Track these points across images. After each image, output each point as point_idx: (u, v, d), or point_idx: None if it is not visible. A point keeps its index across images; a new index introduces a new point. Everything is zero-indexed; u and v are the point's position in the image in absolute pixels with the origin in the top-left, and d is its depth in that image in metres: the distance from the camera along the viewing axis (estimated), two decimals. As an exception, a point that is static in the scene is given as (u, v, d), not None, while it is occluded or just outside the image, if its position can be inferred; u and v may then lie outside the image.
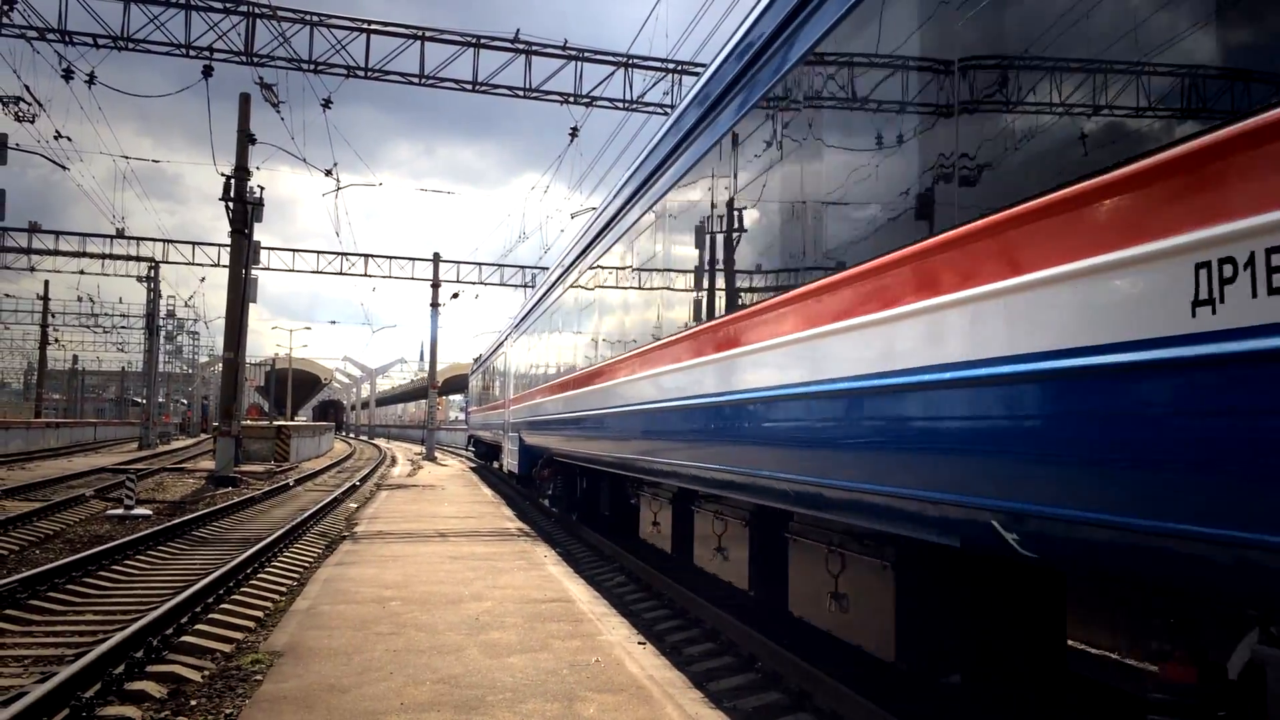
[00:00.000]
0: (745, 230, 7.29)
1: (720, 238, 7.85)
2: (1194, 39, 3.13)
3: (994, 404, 3.89)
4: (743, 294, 7.38)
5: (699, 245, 8.58)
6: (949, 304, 4.10)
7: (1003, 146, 4.02)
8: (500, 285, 48.47)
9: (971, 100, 4.21)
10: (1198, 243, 2.86)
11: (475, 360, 44.01)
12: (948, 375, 4.10)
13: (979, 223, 3.94)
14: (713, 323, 7.79)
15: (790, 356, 5.94)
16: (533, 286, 35.81)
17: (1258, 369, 2.67)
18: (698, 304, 8.53)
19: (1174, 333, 2.91)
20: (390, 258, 47.35)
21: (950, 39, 4.39)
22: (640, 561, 12.36)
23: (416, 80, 26.36)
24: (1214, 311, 2.79)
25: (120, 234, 43.60)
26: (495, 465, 34.59)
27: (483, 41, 26.41)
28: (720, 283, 8.03)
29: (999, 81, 4.08)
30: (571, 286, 15.97)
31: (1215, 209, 2.82)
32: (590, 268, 14.14)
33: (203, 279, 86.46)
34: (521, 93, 27.03)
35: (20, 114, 25.11)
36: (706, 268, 8.36)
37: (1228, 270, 2.76)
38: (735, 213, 7.49)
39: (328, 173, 31.73)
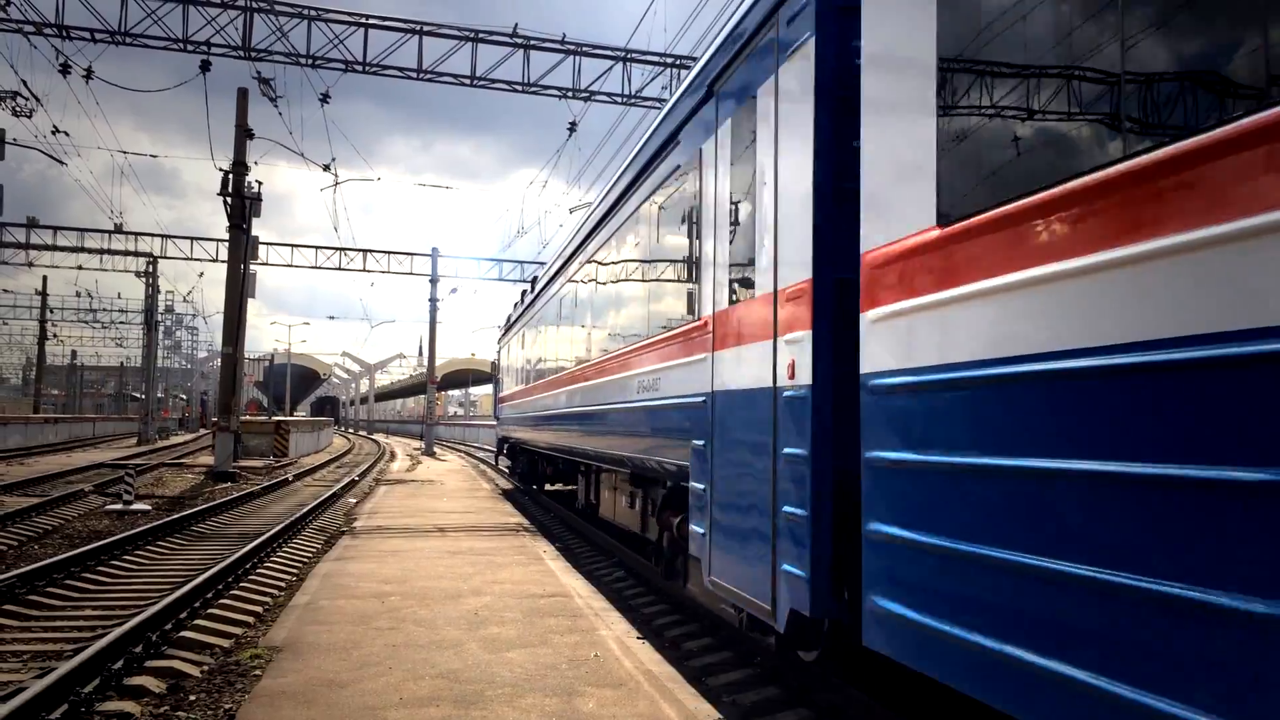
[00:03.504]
0: None
1: None
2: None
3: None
4: None
5: None
6: None
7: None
8: (499, 280, 48.45)
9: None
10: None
11: (521, 300, 23.66)
12: None
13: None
14: None
15: None
16: (530, 283, 21.24)
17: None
18: None
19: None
20: (388, 253, 47.30)
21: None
22: (639, 556, 12.35)
23: (414, 75, 26.34)
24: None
25: (118, 229, 43.56)
26: (539, 489, 21.83)
27: (481, 36, 26.37)
28: None
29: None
30: None
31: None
32: None
33: (201, 274, 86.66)
34: (520, 87, 26.99)
35: (17, 109, 25.05)
36: None
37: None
38: None
39: (326, 168, 31.71)
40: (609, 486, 12.40)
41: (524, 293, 23.51)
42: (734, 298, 6.36)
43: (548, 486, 21.77)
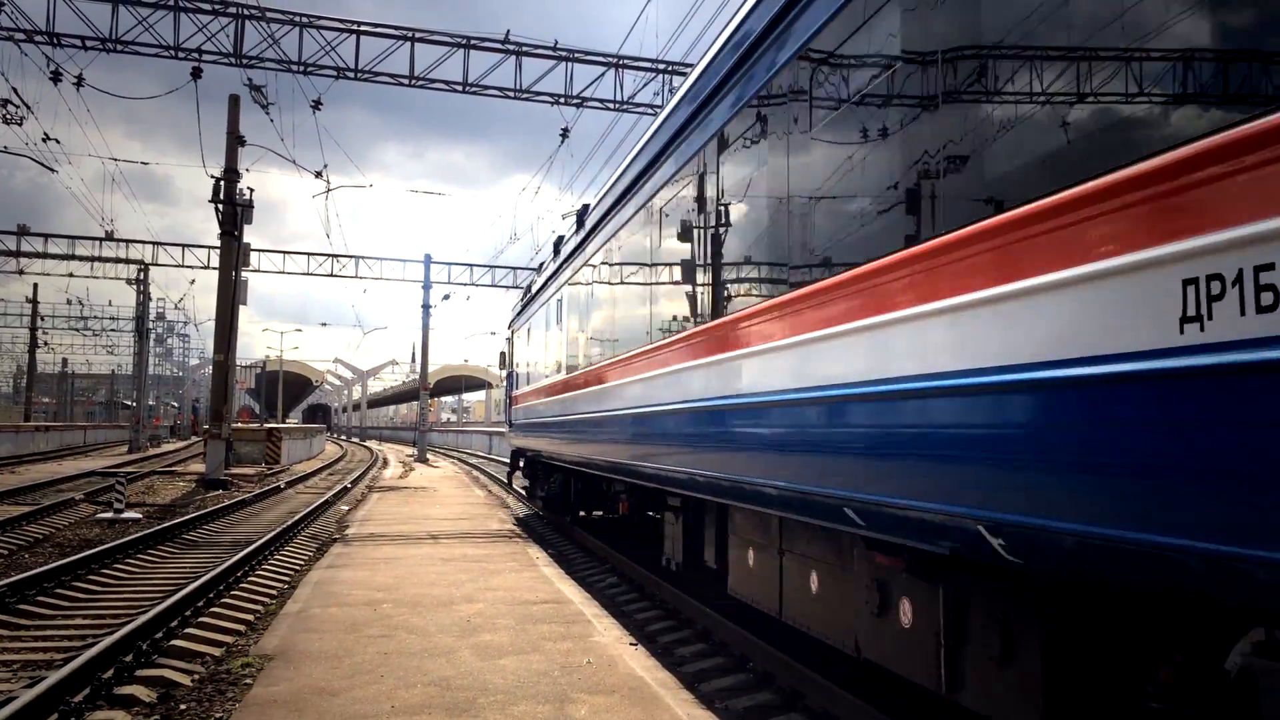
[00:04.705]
0: None
1: None
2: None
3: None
4: None
5: None
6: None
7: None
8: (491, 286, 48.48)
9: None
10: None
11: (555, 254, 16.79)
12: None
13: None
14: None
15: None
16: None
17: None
18: None
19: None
20: (381, 259, 47.43)
21: None
22: (632, 563, 12.34)
23: (406, 81, 26.33)
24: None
25: (109, 236, 43.48)
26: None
27: (473, 42, 26.39)
28: None
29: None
30: None
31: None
32: None
33: (193, 281, 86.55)
34: (512, 94, 27.02)
35: (8, 116, 25.02)
36: None
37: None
38: None
39: (317, 174, 31.70)
40: (764, 545, 7.07)
41: (559, 242, 16.27)
42: None
43: (582, 513, 16.75)
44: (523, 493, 22.40)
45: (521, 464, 21.28)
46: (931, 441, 4.07)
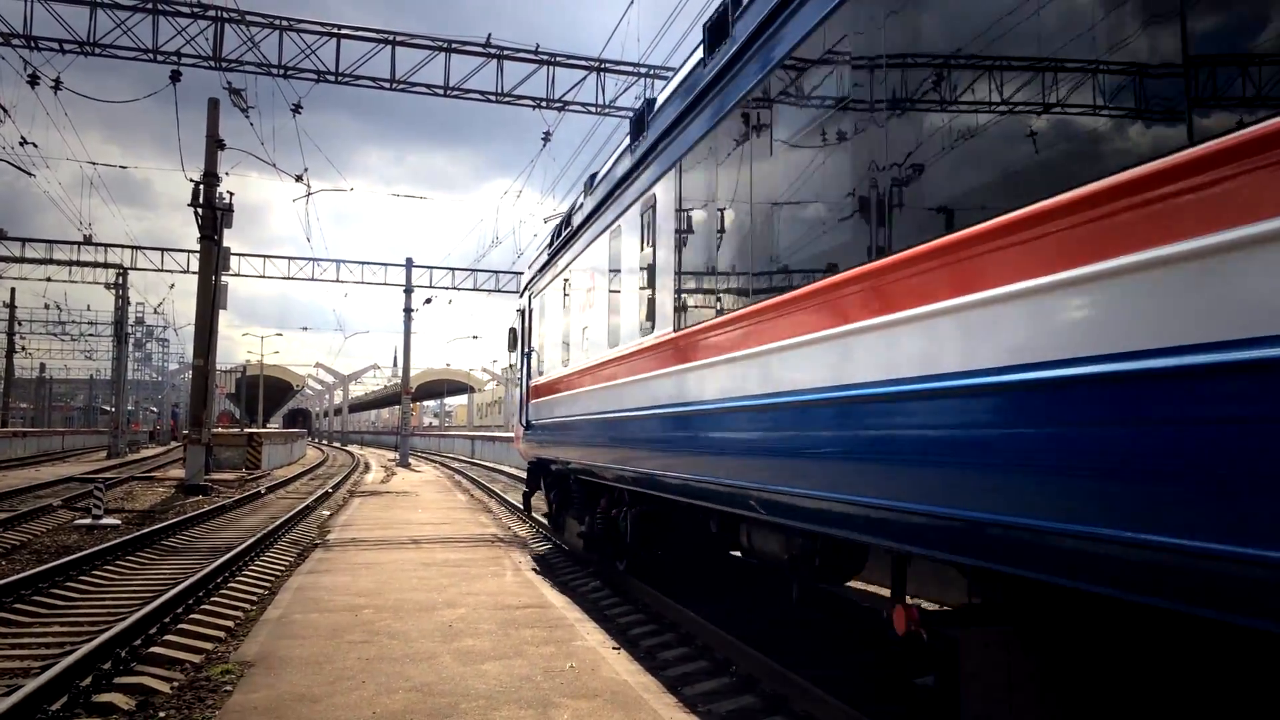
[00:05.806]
0: None
1: None
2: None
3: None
4: None
5: None
6: None
7: None
8: (474, 290, 48.39)
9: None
10: None
11: (653, 103, 8.98)
12: None
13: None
14: None
15: None
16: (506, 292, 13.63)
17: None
18: None
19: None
20: (362, 263, 47.23)
21: None
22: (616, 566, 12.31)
23: (387, 85, 26.23)
24: None
25: (87, 240, 43.12)
26: None
27: (454, 46, 26.34)
28: None
29: None
30: None
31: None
32: None
33: (172, 285, 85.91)
34: (493, 98, 26.97)
35: (-16, 119, 24.75)
36: None
37: None
38: None
39: (298, 178, 31.49)
40: None
41: (643, 112, 9.45)
42: None
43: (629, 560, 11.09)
44: (544, 522, 16.12)
45: (546, 484, 15.12)
46: None
